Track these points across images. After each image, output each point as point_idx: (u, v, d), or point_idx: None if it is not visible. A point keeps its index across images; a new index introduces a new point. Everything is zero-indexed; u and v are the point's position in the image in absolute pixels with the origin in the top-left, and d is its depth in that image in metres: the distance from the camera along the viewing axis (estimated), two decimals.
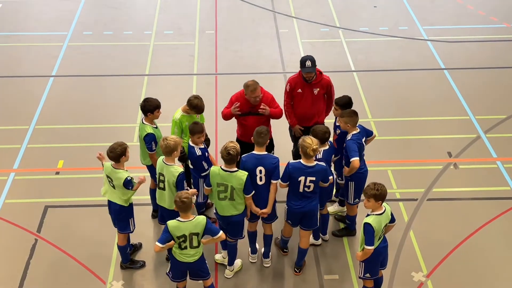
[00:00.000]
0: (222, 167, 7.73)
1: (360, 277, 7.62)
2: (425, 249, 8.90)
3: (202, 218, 7.20)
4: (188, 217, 7.15)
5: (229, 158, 7.61)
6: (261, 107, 8.89)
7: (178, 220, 7.16)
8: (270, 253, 8.59)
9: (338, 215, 9.35)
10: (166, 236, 7.17)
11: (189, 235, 7.15)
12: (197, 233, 7.17)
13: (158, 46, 14.30)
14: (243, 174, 7.70)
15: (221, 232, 7.32)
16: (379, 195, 7.03)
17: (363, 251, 7.22)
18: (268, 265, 8.62)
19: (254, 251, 8.70)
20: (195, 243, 7.23)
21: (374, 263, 7.45)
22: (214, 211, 8.18)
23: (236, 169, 7.72)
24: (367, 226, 7.06)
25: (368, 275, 7.51)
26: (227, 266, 8.48)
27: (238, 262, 8.60)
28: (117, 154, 7.76)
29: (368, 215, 7.18)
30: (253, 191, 7.85)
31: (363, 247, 7.19)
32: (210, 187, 7.89)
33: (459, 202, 9.81)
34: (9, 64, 13.65)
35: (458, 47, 14.27)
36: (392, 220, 7.37)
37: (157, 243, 7.15)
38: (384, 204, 7.19)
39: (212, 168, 7.87)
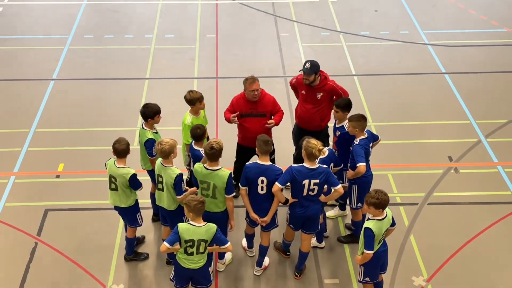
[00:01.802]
0: (205, 165, 7.75)
1: (359, 281, 7.61)
2: (425, 253, 8.89)
3: (213, 226, 7.17)
4: (199, 222, 7.13)
5: (212, 153, 7.58)
6: (268, 122, 8.96)
7: (189, 223, 7.14)
8: (263, 263, 8.56)
9: (348, 224, 9.31)
10: (174, 238, 7.13)
11: (197, 241, 7.12)
12: (205, 240, 7.15)
13: (159, 49, 14.32)
14: (225, 173, 7.69)
15: (229, 243, 7.30)
16: (378, 203, 7.02)
17: (362, 255, 7.21)
18: (259, 274, 8.58)
19: (250, 246, 8.76)
20: (201, 249, 7.21)
21: (374, 267, 7.44)
22: None
23: (219, 167, 7.71)
24: (368, 231, 7.06)
25: (367, 279, 7.51)
26: (218, 260, 8.51)
27: (228, 255, 8.65)
28: (125, 146, 7.86)
29: (369, 219, 7.18)
30: (234, 193, 7.82)
31: (363, 251, 7.18)
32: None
33: (459, 207, 9.80)
34: (9, 67, 13.65)
35: (459, 51, 14.28)
36: (393, 224, 7.36)
37: (165, 243, 7.11)
38: (386, 209, 7.18)
39: (196, 165, 7.87)
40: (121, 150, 7.88)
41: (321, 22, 15.51)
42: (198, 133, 8.27)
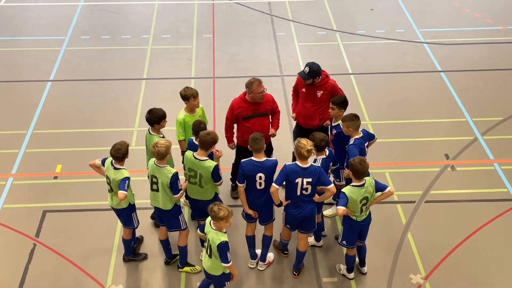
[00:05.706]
0: (194, 154, 7.90)
1: (338, 243, 8.14)
2: (423, 251, 8.93)
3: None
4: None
5: (206, 140, 7.77)
6: (270, 135, 9.19)
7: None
8: (267, 257, 8.59)
9: None
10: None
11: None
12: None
13: (156, 50, 14.33)
14: (210, 164, 7.82)
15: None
16: (350, 165, 7.58)
17: (337, 209, 7.61)
18: (262, 269, 8.61)
19: (253, 256, 8.69)
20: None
21: (351, 233, 7.97)
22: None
23: (205, 158, 7.85)
24: (341, 194, 7.57)
25: (344, 242, 8.07)
26: (202, 249, 8.28)
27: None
28: (123, 153, 7.90)
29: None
30: (222, 180, 7.97)
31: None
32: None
33: (456, 204, 9.84)
34: (7, 68, 13.65)
35: (455, 49, 14.32)
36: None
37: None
38: (367, 178, 7.63)
39: (187, 152, 8.04)
40: (119, 157, 7.90)
41: (317, 21, 15.53)
42: (201, 127, 8.27)
